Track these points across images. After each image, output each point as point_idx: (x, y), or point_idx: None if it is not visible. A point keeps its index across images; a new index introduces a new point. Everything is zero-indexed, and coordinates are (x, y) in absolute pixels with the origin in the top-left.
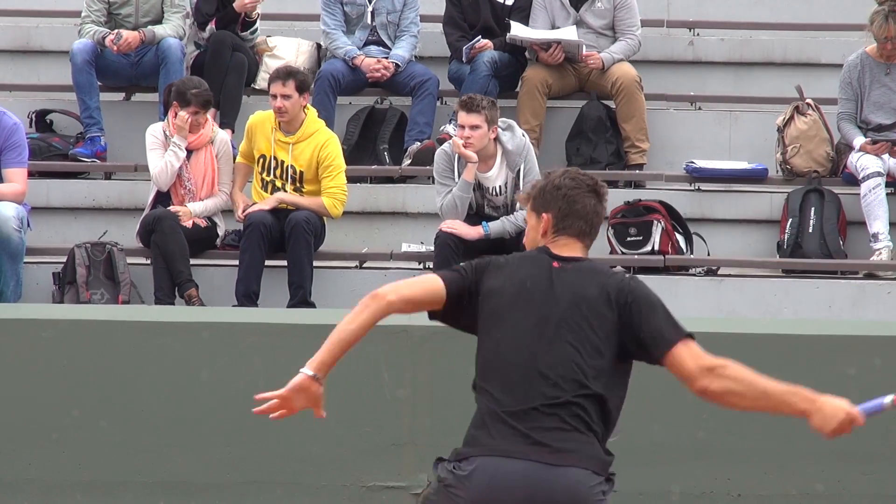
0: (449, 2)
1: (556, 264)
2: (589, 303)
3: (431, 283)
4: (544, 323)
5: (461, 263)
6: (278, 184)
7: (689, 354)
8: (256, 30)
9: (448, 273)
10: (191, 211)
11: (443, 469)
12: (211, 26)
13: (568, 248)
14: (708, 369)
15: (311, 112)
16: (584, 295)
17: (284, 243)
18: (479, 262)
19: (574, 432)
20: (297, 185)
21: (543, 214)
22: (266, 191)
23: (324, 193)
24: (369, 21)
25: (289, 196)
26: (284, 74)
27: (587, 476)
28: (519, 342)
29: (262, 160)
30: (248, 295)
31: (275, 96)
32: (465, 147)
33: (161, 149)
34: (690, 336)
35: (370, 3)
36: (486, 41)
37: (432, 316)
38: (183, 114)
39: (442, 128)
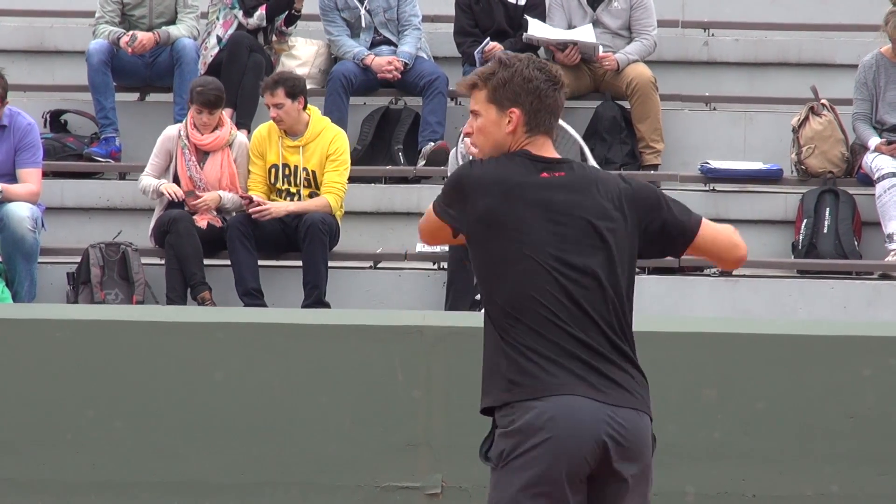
0: (459, 9)
1: (545, 174)
2: (598, 217)
3: (434, 218)
4: (561, 253)
5: (440, 195)
6: (293, 190)
7: (711, 233)
8: (296, 25)
9: (440, 211)
10: (220, 197)
11: (498, 443)
12: (261, 12)
13: (545, 147)
14: (736, 244)
15: (314, 111)
16: (589, 210)
17: (298, 243)
18: (452, 190)
19: (635, 371)
20: (312, 187)
21: (513, 109)
22: (281, 198)
23: (326, 188)
24: (368, 23)
25: (293, 205)
26: (272, 84)
27: (649, 422)
28: (538, 272)
29: (273, 170)
30: (248, 293)
31: (268, 106)
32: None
33: (164, 155)
34: (701, 218)
35: (362, 5)
36: (494, 43)
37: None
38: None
39: (460, 128)
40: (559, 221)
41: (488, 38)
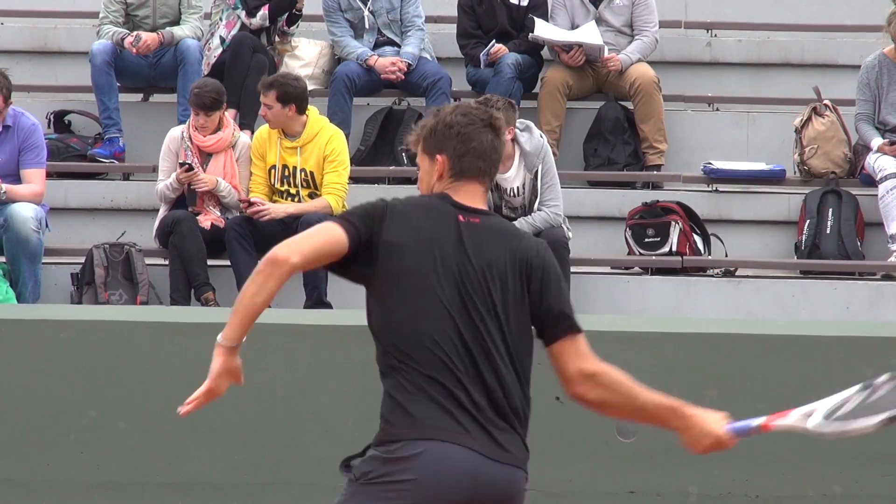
0: (462, 11)
1: (461, 217)
2: (502, 271)
3: (332, 233)
4: (462, 291)
5: (353, 209)
6: (292, 191)
7: (574, 352)
8: (298, 25)
9: (344, 223)
10: (216, 181)
11: (367, 462)
12: (263, 11)
13: (470, 194)
14: (587, 376)
15: (313, 112)
16: (496, 260)
17: None
18: (374, 208)
19: (513, 431)
20: (312, 188)
21: (438, 156)
22: (282, 199)
23: (326, 190)
24: (372, 24)
25: (292, 207)
26: (266, 85)
27: (522, 477)
28: (439, 313)
29: (272, 171)
30: None
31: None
32: None
33: (172, 156)
34: (580, 330)
35: (365, 6)
36: (500, 46)
37: (329, 268)
38: (176, 175)
39: None
40: (466, 267)
41: (494, 41)
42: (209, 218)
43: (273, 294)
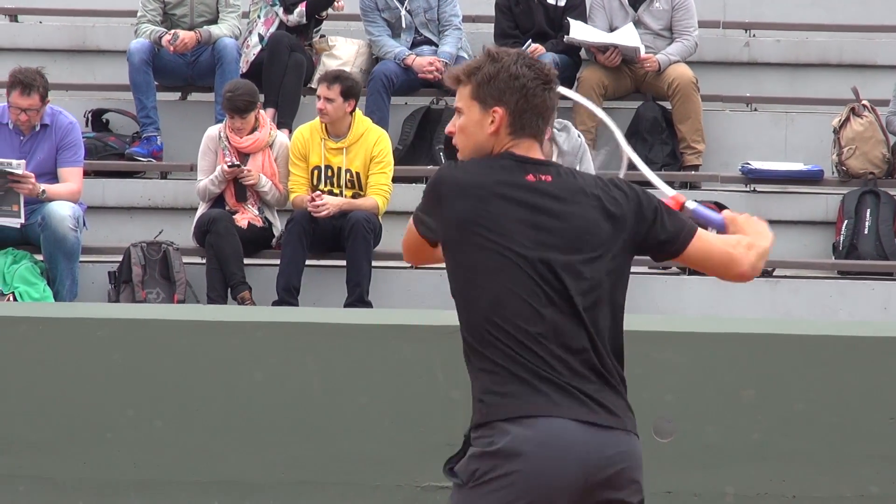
0: (499, 11)
1: (530, 177)
2: (590, 227)
3: (415, 235)
4: (548, 259)
5: (420, 211)
6: (335, 192)
7: (708, 245)
8: (320, 29)
9: (417, 224)
10: (258, 178)
11: (470, 461)
12: (300, 8)
13: (532, 150)
14: (743, 243)
15: (358, 113)
16: (581, 216)
17: (341, 242)
18: (433, 195)
19: (620, 396)
20: (356, 188)
21: (496, 108)
22: None
23: (373, 190)
24: (409, 23)
25: (346, 202)
26: (331, 78)
27: (638, 444)
28: (529, 283)
29: (316, 171)
30: (287, 289)
31: (319, 97)
32: None
33: (211, 155)
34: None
35: (402, 6)
36: (536, 45)
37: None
38: (224, 166)
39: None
40: (545, 227)
41: (530, 41)
42: (246, 217)
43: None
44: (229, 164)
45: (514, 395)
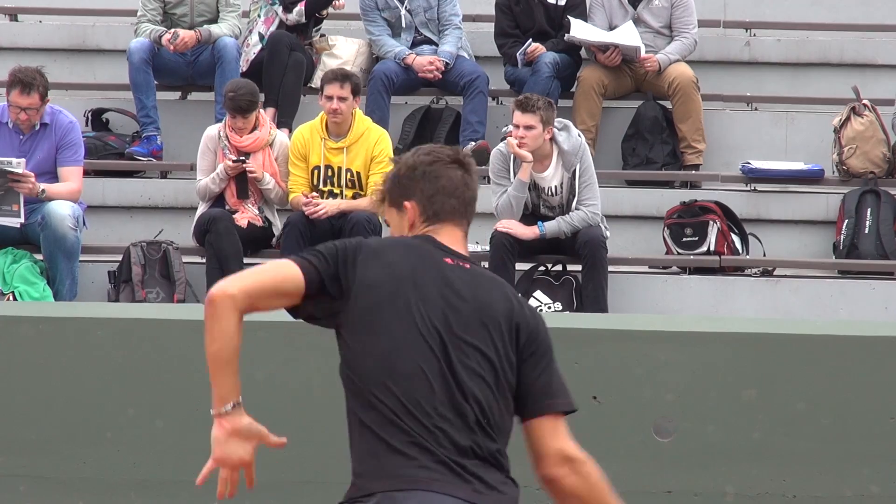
0: (499, 11)
1: (448, 260)
2: (495, 319)
3: (285, 272)
4: (449, 331)
5: (315, 248)
6: (336, 191)
7: (558, 431)
8: (321, 27)
9: (302, 261)
10: (263, 173)
11: None
12: (300, 7)
13: (453, 238)
14: (567, 459)
15: (358, 113)
16: (490, 306)
17: None
18: (345, 246)
19: (499, 470)
20: (356, 188)
21: (406, 203)
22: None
23: (373, 190)
24: (409, 23)
25: (345, 203)
26: (342, 77)
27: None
28: (419, 349)
29: (316, 171)
30: None
31: (330, 97)
32: (519, 147)
33: (211, 155)
34: (569, 411)
35: (402, 5)
36: (536, 45)
37: (289, 311)
38: (229, 161)
39: (504, 128)
40: (454, 303)
41: (530, 40)
42: (246, 216)
43: (231, 333)
44: (234, 158)
45: (394, 464)
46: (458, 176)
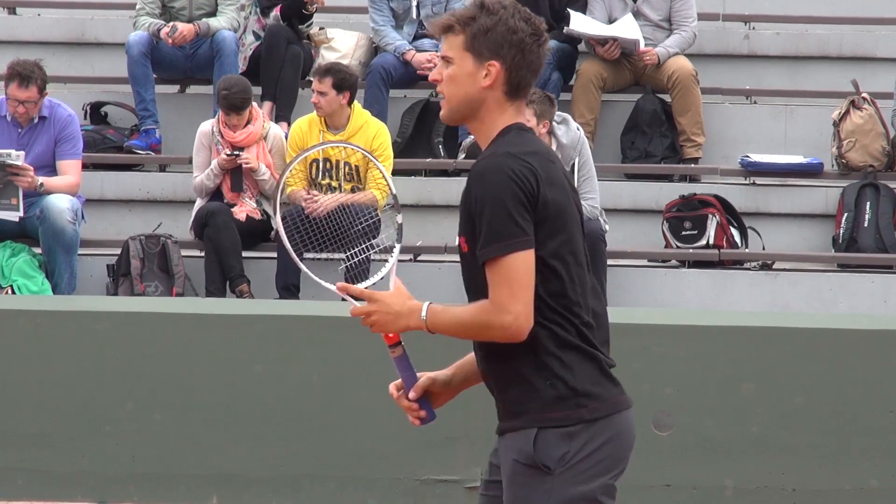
0: None
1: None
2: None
3: (530, 262)
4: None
5: (507, 209)
6: (334, 185)
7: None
8: (311, 23)
9: (523, 241)
10: (258, 164)
11: (558, 445)
12: (275, 13)
13: (527, 116)
14: None
15: (356, 106)
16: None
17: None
18: (525, 193)
19: None
20: (355, 181)
21: (493, 62)
22: (322, 193)
23: (372, 184)
24: (415, 15)
25: (343, 196)
26: (322, 71)
27: None
28: (583, 267)
29: (314, 165)
30: (287, 288)
31: (313, 91)
32: None
33: (205, 151)
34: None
35: None
36: None
37: None
38: (223, 155)
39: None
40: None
41: None
42: (244, 209)
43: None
44: (229, 152)
45: (608, 385)
46: (541, 53)
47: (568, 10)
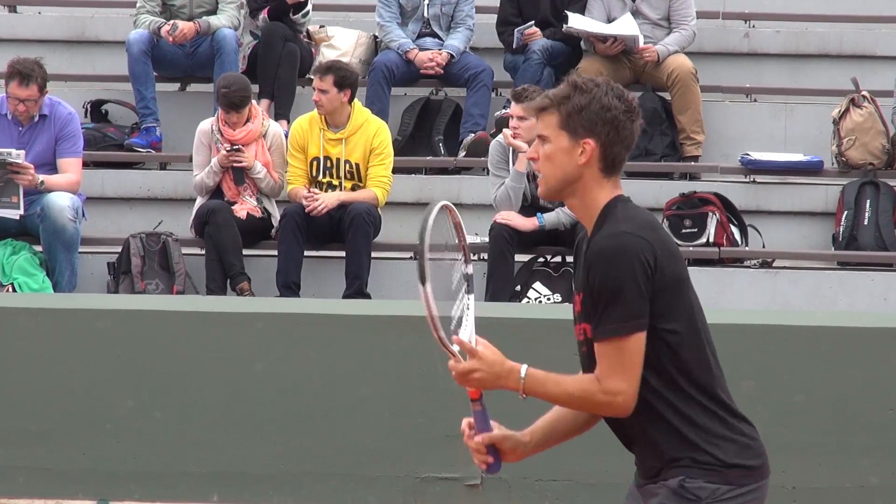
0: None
1: None
2: None
3: (641, 344)
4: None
5: (623, 290)
6: (335, 183)
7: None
8: (308, 13)
9: (638, 322)
10: (253, 162)
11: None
12: (263, 15)
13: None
14: None
15: (357, 104)
16: None
17: (340, 233)
18: (643, 273)
19: None
20: (355, 180)
21: (588, 139)
22: (323, 192)
23: (373, 182)
24: (424, 13)
25: (344, 195)
26: (324, 69)
27: None
28: (710, 343)
29: (315, 163)
30: (287, 285)
31: (314, 89)
32: (513, 137)
33: (205, 149)
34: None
35: None
36: (535, 28)
37: None
38: (224, 151)
39: (497, 112)
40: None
41: (532, 23)
42: (245, 207)
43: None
44: (229, 147)
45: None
46: (635, 129)
47: (566, 11)
